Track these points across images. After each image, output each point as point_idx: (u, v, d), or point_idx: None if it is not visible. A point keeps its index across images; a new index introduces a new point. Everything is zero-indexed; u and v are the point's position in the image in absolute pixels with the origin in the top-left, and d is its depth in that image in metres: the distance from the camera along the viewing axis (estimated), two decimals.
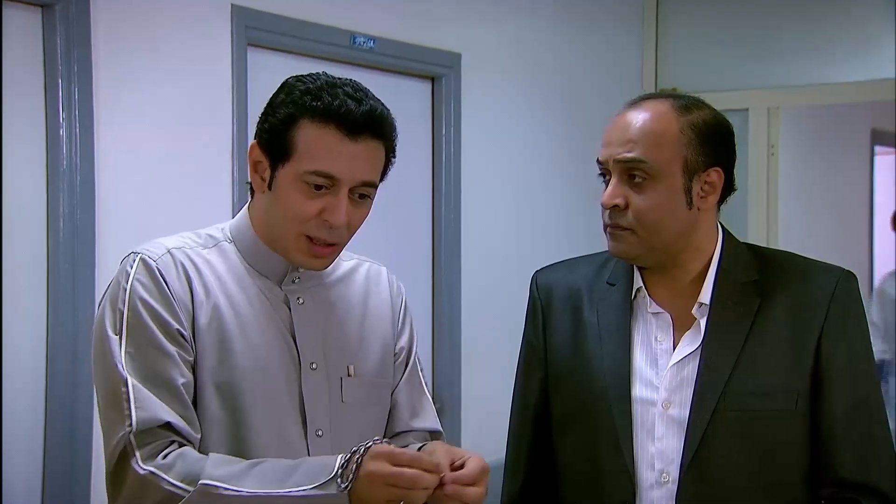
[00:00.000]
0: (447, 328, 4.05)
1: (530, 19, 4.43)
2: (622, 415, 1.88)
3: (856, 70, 4.66)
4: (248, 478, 1.65)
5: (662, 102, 1.91)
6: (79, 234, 2.88)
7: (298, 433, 1.81)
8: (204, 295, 1.79)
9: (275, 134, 1.78)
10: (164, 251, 1.80)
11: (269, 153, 1.79)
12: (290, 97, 1.79)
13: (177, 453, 1.68)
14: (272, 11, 3.40)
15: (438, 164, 4.04)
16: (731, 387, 1.84)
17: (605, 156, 1.90)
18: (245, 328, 1.80)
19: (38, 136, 2.86)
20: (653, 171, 1.85)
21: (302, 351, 1.84)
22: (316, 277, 1.90)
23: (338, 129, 1.76)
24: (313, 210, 1.77)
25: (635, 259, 1.92)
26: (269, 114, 1.81)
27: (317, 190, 1.77)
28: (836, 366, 1.86)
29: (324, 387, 1.85)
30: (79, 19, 2.88)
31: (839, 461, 1.86)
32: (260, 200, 1.85)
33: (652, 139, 1.86)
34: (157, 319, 1.74)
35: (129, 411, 1.68)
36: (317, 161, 1.76)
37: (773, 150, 4.82)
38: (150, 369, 1.72)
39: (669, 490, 1.85)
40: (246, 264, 1.85)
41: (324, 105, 1.76)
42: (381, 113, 1.80)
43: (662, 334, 1.91)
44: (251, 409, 1.77)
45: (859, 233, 6.31)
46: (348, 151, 1.77)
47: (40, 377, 2.87)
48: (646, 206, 1.86)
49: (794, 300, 1.89)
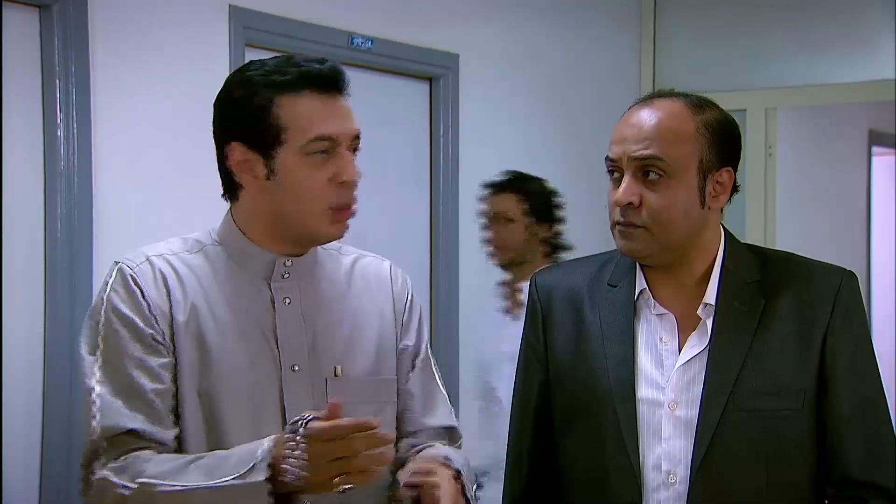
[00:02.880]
0: (445, 328, 4.05)
1: (528, 20, 4.43)
2: (627, 416, 1.87)
3: (853, 70, 4.66)
4: (187, 473, 1.66)
5: (675, 101, 1.90)
6: (76, 234, 2.88)
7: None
8: (184, 301, 1.77)
9: (255, 125, 1.76)
10: (143, 259, 1.79)
11: (256, 146, 1.77)
12: (252, 84, 1.77)
13: (133, 456, 1.69)
14: (270, 12, 3.39)
15: (436, 165, 4.04)
16: (740, 387, 1.84)
17: (617, 153, 1.87)
18: (225, 333, 1.78)
19: (36, 137, 2.86)
20: (669, 170, 1.84)
21: (283, 353, 1.81)
22: (310, 271, 1.87)
23: (312, 92, 1.76)
24: (324, 178, 1.76)
25: (646, 258, 1.91)
26: (237, 109, 1.78)
27: (323, 156, 1.76)
28: (842, 365, 1.86)
29: (307, 389, 1.82)
30: (76, 20, 2.87)
31: (846, 460, 1.86)
32: (254, 199, 1.81)
33: (670, 137, 1.85)
34: (131, 327, 1.74)
35: (93, 419, 1.71)
36: (312, 128, 1.75)
37: (770, 150, 4.82)
38: (122, 378, 1.72)
39: (677, 491, 1.84)
40: (233, 264, 1.83)
41: (292, 75, 1.76)
42: (341, 67, 1.81)
43: (667, 335, 1.90)
44: (231, 414, 1.76)
45: (857, 233, 6.31)
46: (332, 109, 1.78)
47: (37, 378, 2.87)
48: (661, 205, 1.84)
49: (798, 300, 1.89)
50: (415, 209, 4.00)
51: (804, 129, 5.61)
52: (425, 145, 4.02)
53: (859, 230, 6.34)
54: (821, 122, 5.85)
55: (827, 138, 6.01)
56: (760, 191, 4.78)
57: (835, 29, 4.70)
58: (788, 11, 4.77)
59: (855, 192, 6.35)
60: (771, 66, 4.79)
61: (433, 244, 4.06)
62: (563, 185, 4.58)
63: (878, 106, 5.41)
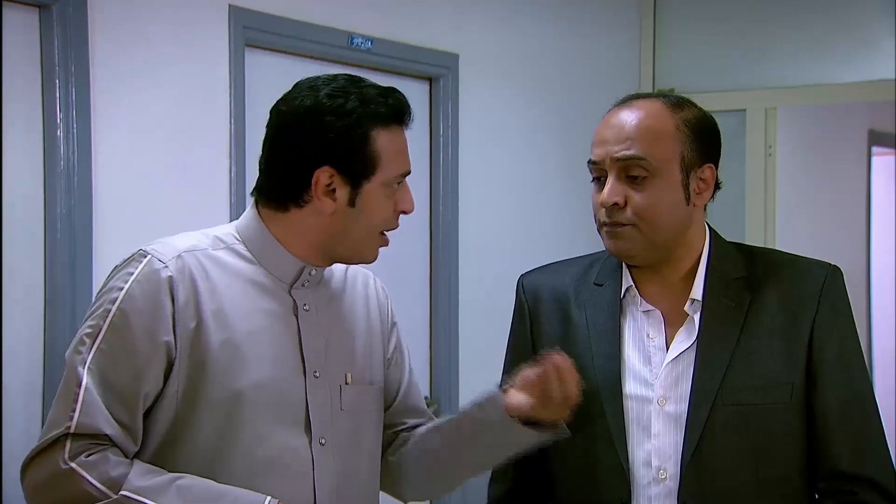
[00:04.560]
0: (445, 328, 4.05)
1: (528, 20, 4.43)
2: (615, 413, 1.89)
3: (853, 70, 4.66)
4: (170, 494, 1.64)
5: (654, 101, 1.93)
6: (76, 234, 2.88)
7: (304, 443, 1.80)
8: (211, 302, 1.76)
9: (353, 155, 1.77)
10: (175, 255, 1.76)
11: (348, 174, 1.78)
12: (350, 114, 1.76)
13: (101, 455, 1.67)
14: (270, 12, 3.39)
15: (436, 165, 4.04)
16: (728, 381, 1.85)
17: (599, 155, 1.90)
18: (255, 338, 1.78)
19: (36, 137, 2.86)
20: (652, 168, 1.86)
21: (307, 360, 1.82)
22: (322, 282, 1.89)
23: (398, 126, 1.82)
24: (393, 207, 1.83)
25: (634, 257, 1.92)
26: (334, 137, 1.76)
27: (398, 187, 1.82)
28: (829, 359, 1.88)
29: (326, 395, 1.84)
30: (76, 20, 2.88)
31: (835, 453, 1.87)
32: (318, 219, 1.80)
33: (650, 136, 1.87)
34: (144, 328, 1.71)
35: (73, 412, 1.68)
36: (400, 164, 1.81)
37: (770, 150, 4.81)
38: (115, 374, 1.70)
39: (668, 487, 1.86)
40: (256, 266, 1.82)
41: (387, 108, 1.79)
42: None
43: (654, 332, 1.92)
44: (253, 420, 1.75)
45: (857, 233, 6.30)
46: (406, 144, 1.84)
47: (37, 378, 2.87)
48: (647, 203, 1.86)
49: (785, 295, 1.91)
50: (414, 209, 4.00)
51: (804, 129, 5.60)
52: (425, 145, 4.02)
53: (859, 230, 6.33)
54: (821, 122, 5.84)
55: (827, 138, 6.00)
56: (760, 191, 4.78)
57: (835, 29, 4.69)
58: (788, 11, 4.77)
59: (855, 192, 6.34)
60: (770, 66, 4.78)
61: (433, 244, 4.07)
62: (561, 184, 4.59)
63: (878, 106, 5.41)
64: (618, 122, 1.89)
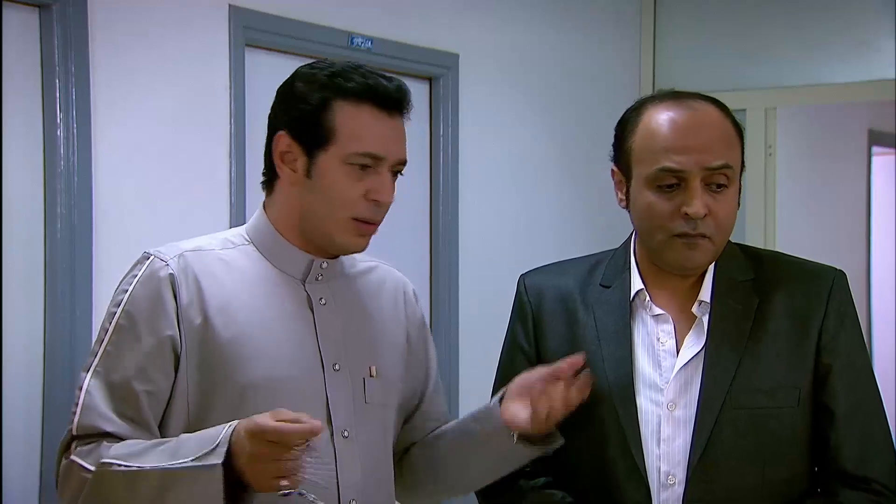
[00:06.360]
0: (445, 327, 4.05)
1: (528, 20, 4.43)
2: (629, 417, 1.86)
3: (853, 70, 4.66)
4: (148, 455, 1.65)
5: (710, 103, 1.88)
6: (76, 234, 2.88)
7: (325, 435, 1.77)
8: (220, 298, 1.76)
9: (308, 120, 1.76)
10: (177, 254, 1.78)
11: (302, 141, 1.77)
12: (315, 82, 1.77)
13: (96, 443, 1.70)
14: (270, 12, 3.39)
15: (436, 165, 4.04)
16: (737, 385, 1.84)
17: (684, 163, 1.81)
18: (267, 332, 1.78)
19: (36, 137, 2.86)
20: (733, 176, 1.84)
21: (325, 352, 1.82)
22: (339, 274, 1.89)
23: (373, 107, 1.77)
24: (360, 191, 1.78)
25: (698, 268, 1.89)
26: (294, 101, 1.78)
27: (363, 169, 1.77)
28: (837, 362, 1.87)
29: (347, 387, 1.83)
30: (76, 20, 2.87)
31: (842, 455, 1.86)
32: (287, 192, 1.82)
33: (730, 143, 1.84)
34: (147, 323, 1.73)
35: (75, 414, 1.73)
36: (363, 142, 1.76)
37: (770, 150, 4.81)
38: (119, 371, 1.72)
39: (675, 492, 1.84)
40: (268, 264, 1.82)
41: (357, 84, 1.76)
42: (408, 89, 1.82)
43: (665, 336, 1.89)
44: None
45: (856, 233, 6.30)
46: (387, 129, 1.79)
47: (37, 378, 2.87)
48: (725, 213, 1.84)
49: (792, 298, 1.89)
50: (415, 208, 4.00)
51: (804, 129, 5.60)
52: (425, 145, 4.02)
53: (859, 230, 6.33)
54: (821, 122, 5.84)
55: (827, 138, 6.00)
56: (760, 191, 4.78)
57: (835, 29, 4.69)
58: (788, 11, 4.76)
59: (855, 192, 6.34)
60: (770, 66, 4.78)
61: (433, 244, 4.06)
62: (561, 184, 4.59)
63: (878, 106, 5.41)
64: (697, 128, 1.82)
